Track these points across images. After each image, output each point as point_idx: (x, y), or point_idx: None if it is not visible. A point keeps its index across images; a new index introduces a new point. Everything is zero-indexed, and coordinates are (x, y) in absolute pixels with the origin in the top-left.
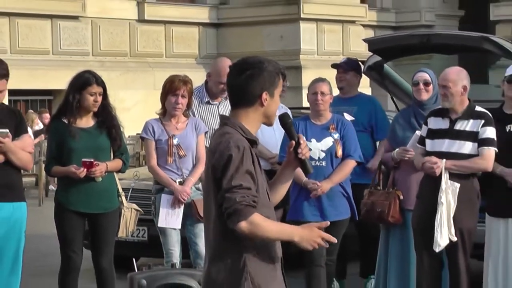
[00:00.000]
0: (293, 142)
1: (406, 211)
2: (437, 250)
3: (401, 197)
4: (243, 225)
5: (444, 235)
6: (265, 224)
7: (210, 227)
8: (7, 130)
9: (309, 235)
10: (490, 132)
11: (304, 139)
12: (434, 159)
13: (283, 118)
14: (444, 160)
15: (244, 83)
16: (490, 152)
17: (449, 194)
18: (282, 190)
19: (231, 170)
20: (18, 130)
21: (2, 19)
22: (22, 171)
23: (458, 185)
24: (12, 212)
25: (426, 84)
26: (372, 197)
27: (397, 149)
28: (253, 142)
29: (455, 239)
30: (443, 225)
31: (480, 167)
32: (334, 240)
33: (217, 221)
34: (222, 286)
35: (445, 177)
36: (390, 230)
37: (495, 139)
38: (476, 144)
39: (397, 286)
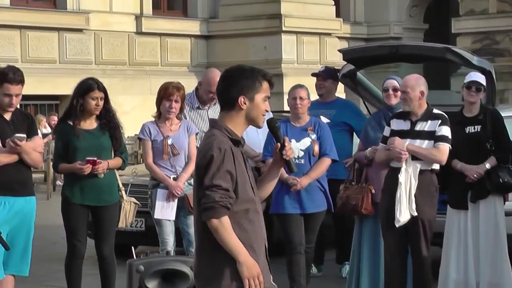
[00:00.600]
0: (279, 144)
1: (377, 204)
2: (397, 225)
3: (373, 191)
4: (214, 222)
5: (402, 211)
6: (229, 231)
7: (197, 221)
8: (25, 135)
9: (252, 267)
10: (445, 131)
11: (288, 141)
12: (398, 143)
13: (270, 122)
14: (408, 141)
15: (224, 88)
16: (445, 147)
17: (408, 173)
18: (269, 187)
19: (212, 170)
20: (30, 132)
21: (14, 31)
22: (32, 168)
23: (418, 165)
24: (23, 205)
25: (395, 90)
26: (347, 192)
27: (369, 148)
28: (237, 142)
29: (415, 213)
30: (402, 202)
31: (435, 158)
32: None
33: (199, 215)
34: (208, 275)
35: (405, 160)
36: (363, 221)
37: (450, 137)
38: (433, 142)
39: (369, 272)
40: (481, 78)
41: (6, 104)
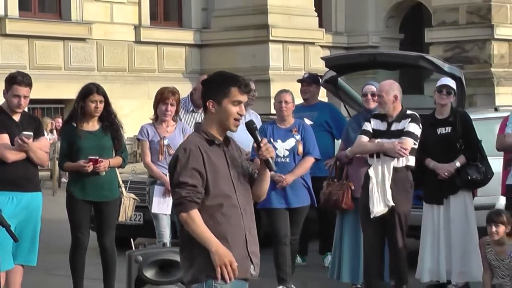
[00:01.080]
0: (255, 145)
1: (357, 199)
2: (371, 216)
3: (353, 187)
4: (183, 216)
5: (375, 203)
6: (198, 224)
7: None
8: (32, 133)
9: (223, 255)
10: (413, 128)
11: (266, 142)
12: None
13: (248, 125)
14: (385, 140)
15: (201, 93)
16: (407, 141)
17: (378, 168)
18: (262, 185)
19: (178, 168)
20: (37, 133)
21: (22, 40)
22: (38, 166)
23: (390, 160)
24: (30, 200)
25: (373, 95)
26: (329, 188)
27: (349, 148)
28: (211, 141)
29: (391, 203)
30: (373, 195)
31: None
32: (234, 276)
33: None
34: (184, 265)
35: (374, 157)
36: (344, 215)
37: (416, 133)
38: None
39: (349, 261)
40: (451, 83)
41: (15, 105)
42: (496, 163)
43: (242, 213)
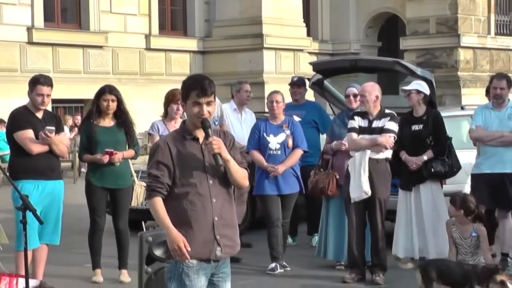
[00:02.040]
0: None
1: (341, 186)
2: (351, 201)
3: (337, 176)
4: (149, 202)
5: (353, 189)
6: (156, 209)
7: None
8: (54, 128)
9: (174, 239)
10: (391, 125)
11: (214, 139)
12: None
13: (202, 122)
14: (366, 136)
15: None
16: (388, 136)
17: (356, 160)
18: (229, 177)
19: (149, 161)
20: (58, 129)
21: (47, 48)
22: (60, 158)
23: (368, 152)
24: (54, 187)
25: (355, 96)
26: (316, 177)
27: (335, 142)
28: (183, 136)
29: (368, 191)
30: (352, 183)
31: (380, 142)
32: (185, 258)
33: None
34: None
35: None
36: (329, 200)
37: (394, 129)
38: None
39: (334, 241)
40: (420, 86)
41: (39, 103)
42: (463, 155)
43: (212, 200)
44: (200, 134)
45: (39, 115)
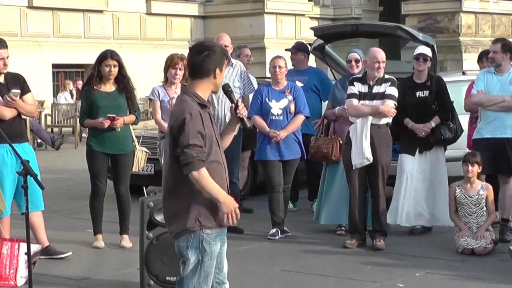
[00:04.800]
0: (233, 105)
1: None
2: (353, 168)
3: (341, 141)
4: (194, 174)
5: (354, 157)
6: (207, 178)
7: (168, 170)
8: (19, 91)
9: (230, 204)
10: (392, 90)
11: (241, 102)
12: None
13: (224, 87)
14: (367, 102)
15: (202, 61)
16: (389, 102)
17: (357, 126)
18: (228, 138)
19: (186, 132)
20: (23, 90)
21: (47, 12)
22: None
23: (370, 118)
24: (25, 151)
25: (357, 61)
26: (318, 142)
27: (337, 107)
28: (203, 106)
29: (370, 157)
30: (354, 149)
31: (382, 110)
32: (234, 221)
33: (172, 167)
34: (176, 211)
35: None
36: (329, 166)
37: (395, 95)
38: None
39: (330, 205)
40: (427, 50)
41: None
42: (464, 120)
43: (224, 167)
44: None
45: (1, 79)
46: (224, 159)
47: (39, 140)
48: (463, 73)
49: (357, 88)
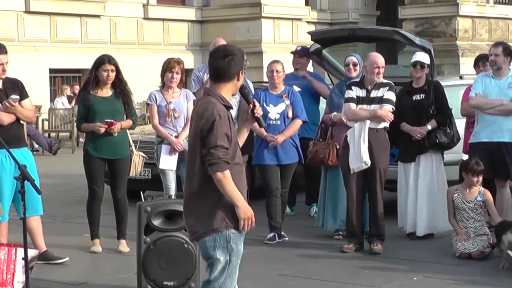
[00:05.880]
0: (250, 105)
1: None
2: (351, 172)
3: (338, 146)
4: (219, 175)
5: (352, 161)
6: (230, 182)
7: (195, 171)
8: (18, 97)
9: (247, 210)
10: (390, 95)
11: (256, 102)
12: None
13: (241, 89)
14: (365, 106)
15: (227, 65)
16: (387, 107)
17: (355, 130)
18: (241, 139)
19: (215, 132)
20: (21, 95)
21: (44, 17)
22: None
23: (368, 122)
24: (23, 156)
25: (355, 65)
26: (316, 147)
27: (334, 113)
28: (228, 107)
29: (367, 161)
30: (351, 155)
31: (380, 115)
32: (249, 227)
33: (201, 168)
34: (202, 212)
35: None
36: (328, 170)
37: (393, 100)
38: None
39: (333, 211)
40: (424, 57)
41: None
42: (460, 124)
43: (243, 170)
44: None
45: None
46: (241, 157)
47: (35, 145)
48: (460, 77)
49: (355, 92)
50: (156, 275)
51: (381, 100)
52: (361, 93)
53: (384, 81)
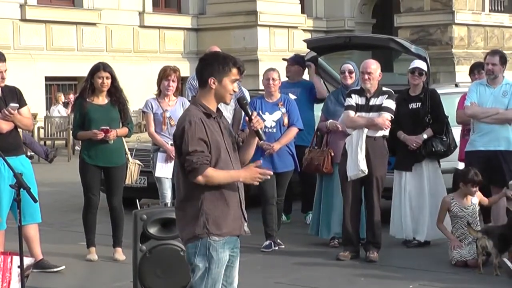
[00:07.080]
0: (247, 118)
1: (336, 164)
2: (348, 179)
3: (332, 154)
4: (200, 179)
5: (349, 168)
6: (216, 174)
7: (180, 179)
8: (17, 105)
9: (250, 173)
10: (389, 103)
11: (256, 115)
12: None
13: (239, 100)
14: (363, 114)
15: (199, 69)
16: (386, 115)
17: (353, 138)
18: (248, 152)
19: (186, 139)
20: (20, 103)
21: (40, 25)
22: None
23: (365, 130)
24: (21, 164)
25: (350, 72)
26: (311, 154)
27: (330, 120)
28: (209, 115)
29: (365, 170)
30: (349, 161)
31: (377, 123)
32: (269, 173)
33: (181, 175)
34: (187, 219)
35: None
36: (323, 178)
37: (392, 108)
38: None
39: (328, 218)
40: (422, 65)
41: None
42: (456, 132)
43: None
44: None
45: None
46: (239, 168)
47: (30, 153)
48: (456, 85)
49: (355, 100)
50: (152, 283)
51: (379, 108)
52: (361, 100)
53: (384, 89)
